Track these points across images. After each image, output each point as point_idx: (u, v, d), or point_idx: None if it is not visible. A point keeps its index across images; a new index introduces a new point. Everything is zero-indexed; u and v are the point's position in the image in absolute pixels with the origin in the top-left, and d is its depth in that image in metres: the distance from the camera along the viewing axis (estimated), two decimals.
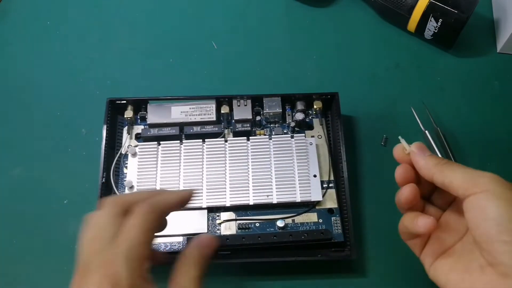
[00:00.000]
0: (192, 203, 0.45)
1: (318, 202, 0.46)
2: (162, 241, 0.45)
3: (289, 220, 0.45)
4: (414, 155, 0.35)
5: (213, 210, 0.46)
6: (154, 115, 0.49)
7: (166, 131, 0.49)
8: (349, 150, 0.49)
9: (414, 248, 0.37)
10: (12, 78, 0.55)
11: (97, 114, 0.50)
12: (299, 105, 0.50)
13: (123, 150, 0.49)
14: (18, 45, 0.57)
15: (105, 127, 0.48)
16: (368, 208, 0.48)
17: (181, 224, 0.45)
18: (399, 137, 0.36)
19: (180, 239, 0.45)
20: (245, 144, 0.48)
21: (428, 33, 0.55)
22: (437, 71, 0.56)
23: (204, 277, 0.31)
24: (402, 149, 0.36)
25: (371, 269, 0.45)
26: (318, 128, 0.50)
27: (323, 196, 0.46)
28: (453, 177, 0.32)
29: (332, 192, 0.47)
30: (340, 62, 0.57)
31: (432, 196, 0.37)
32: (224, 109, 0.50)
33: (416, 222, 0.34)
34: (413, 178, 0.35)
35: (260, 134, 0.50)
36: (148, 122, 0.49)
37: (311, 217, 0.45)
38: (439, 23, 0.53)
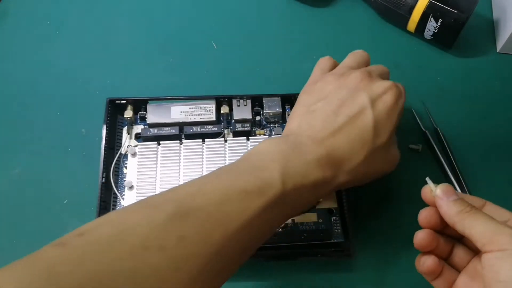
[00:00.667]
0: None
1: (318, 202, 0.46)
2: None
3: (289, 220, 0.45)
4: (438, 200, 0.34)
5: None
6: (154, 115, 0.49)
7: (166, 131, 0.49)
8: None
9: None
10: (12, 78, 0.55)
11: (97, 114, 0.50)
12: None
13: (123, 150, 0.49)
14: (18, 45, 0.57)
15: (105, 127, 0.48)
16: (368, 208, 0.48)
17: None
18: (427, 179, 0.35)
19: None
20: (245, 144, 0.48)
21: (428, 33, 0.55)
22: (437, 71, 0.56)
23: None
24: (430, 190, 0.35)
25: (371, 269, 0.45)
26: None
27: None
28: (473, 229, 0.31)
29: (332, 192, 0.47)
30: (340, 62, 0.56)
31: (465, 238, 0.36)
32: (224, 109, 0.50)
33: (418, 260, 0.35)
34: (438, 222, 0.35)
35: (260, 134, 0.50)
36: (148, 122, 0.49)
37: (311, 217, 0.45)
38: (439, 23, 0.53)
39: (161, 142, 0.48)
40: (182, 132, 0.49)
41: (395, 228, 0.47)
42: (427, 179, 0.35)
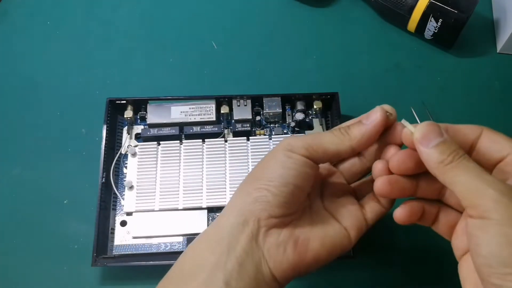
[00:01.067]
0: (192, 203, 0.45)
1: None
2: (162, 241, 0.45)
3: None
4: (417, 145, 0.28)
5: (213, 210, 0.46)
6: (154, 115, 0.49)
7: (166, 131, 0.49)
8: None
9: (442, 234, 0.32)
10: (12, 78, 0.55)
11: (97, 114, 0.50)
12: (299, 105, 0.50)
13: (123, 150, 0.49)
14: (18, 45, 0.57)
15: (105, 127, 0.48)
16: None
17: (182, 224, 0.45)
18: (402, 121, 0.31)
19: (180, 239, 0.45)
20: (245, 144, 0.48)
21: (428, 33, 0.55)
22: (437, 71, 0.56)
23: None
24: (410, 133, 0.29)
25: (372, 269, 0.45)
26: (318, 128, 0.50)
27: None
28: (455, 186, 0.26)
29: None
30: (340, 62, 0.57)
31: None
32: (224, 109, 0.50)
33: (394, 213, 0.31)
34: (412, 167, 0.30)
35: (260, 134, 0.50)
36: (148, 122, 0.49)
37: None
38: (439, 23, 0.53)
39: (161, 142, 0.48)
40: (182, 132, 0.49)
41: (395, 228, 0.47)
42: (403, 121, 0.31)
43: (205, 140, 0.48)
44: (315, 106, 0.50)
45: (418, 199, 0.32)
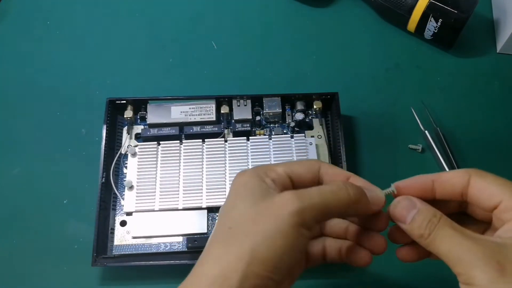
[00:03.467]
0: (192, 203, 0.45)
1: None
2: (162, 241, 0.44)
3: None
4: (396, 223, 0.29)
5: (213, 210, 0.46)
6: (154, 115, 0.49)
7: (166, 131, 0.49)
8: (349, 150, 0.49)
9: None
10: (12, 78, 0.55)
11: (97, 114, 0.50)
12: (299, 105, 0.50)
13: (123, 150, 0.49)
14: (18, 45, 0.57)
15: (105, 127, 0.48)
16: None
17: (181, 224, 0.45)
18: (389, 190, 0.30)
19: (180, 239, 0.45)
20: (245, 144, 0.48)
21: (428, 33, 0.55)
22: (437, 71, 0.56)
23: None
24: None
25: (371, 268, 0.45)
26: (318, 128, 0.50)
27: None
28: (439, 255, 0.26)
29: None
30: (340, 62, 0.57)
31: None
32: (224, 109, 0.50)
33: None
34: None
35: (260, 134, 0.50)
36: (148, 122, 0.49)
37: None
38: (439, 23, 0.53)
39: (161, 142, 0.48)
40: (182, 132, 0.49)
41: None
42: (387, 191, 0.30)
43: (205, 140, 0.48)
44: (315, 106, 0.50)
45: None
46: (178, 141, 0.48)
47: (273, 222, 0.27)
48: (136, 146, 0.48)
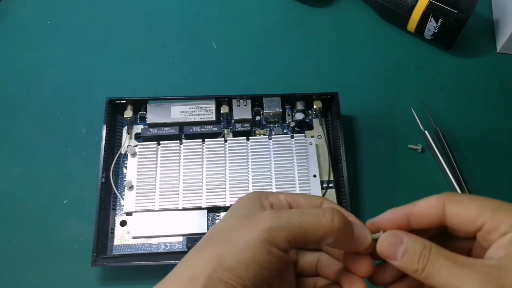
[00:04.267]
0: (192, 203, 0.45)
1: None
2: (162, 241, 0.44)
3: None
4: (387, 261, 0.28)
5: (213, 210, 0.46)
6: (153, 115, 0.49)
7: (166, 131, 0.49)
8: (349, 150, 0.49)
9: None
10: (12, 78, 0.55)
11: (96, 114, 0.50)
12: (299, 105, 0.50)
13: (122, 150, 0.49)
14: (18, 45, 0.57)
15: (104, 127, 0.48)
16: (368, 208, 0.48)
17: (181, 224, 0.45)
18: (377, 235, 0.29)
19: (180, 239, 0.45)
20: (245, 144, 0.48)
21: (428, 33, 0.55)
22: (437, 71, 0.56)
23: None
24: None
25: None
26: (318, 128, 0.50)
27: (323, 196, 0.46)
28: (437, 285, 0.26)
29: (332, 192, 0.47)
30: (340, 62, 0.57)
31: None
32: (224, 109, 0.50)
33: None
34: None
35: (260, 134, 0.50)
36: (147, 122, 0.49)
37: None
38: (439, 23, 0.53)
39: (161, 142, 0.48)
40: (182, 132, 0.49)
41: None
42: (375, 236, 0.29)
43: (205, 140, 0.48)
44: (315, 106, 0.50)
45: None
46: (178, 141, 0.48)
47: (245, 234, 0.27)
48: (136, 146, 0.48)
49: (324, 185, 0.47)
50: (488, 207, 0.26)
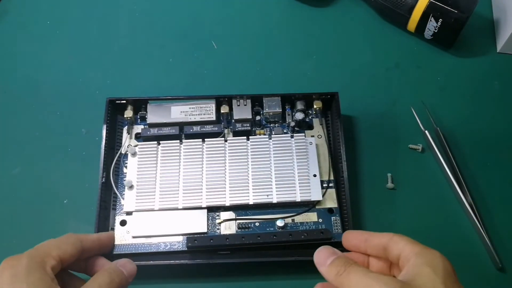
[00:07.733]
0: (192, 203, 0.45)
1: (318, 202, 0.46)
2: (162, 241, 0.44)
3: (289, 220, 0.45)
4: (318, 267, 0.34)
5: (213, 210, 0.46)
6: (154, 115, 0.49)
7: (166, 130, 0.49)
8: (349, 150, 0.49)
9: None
10: (12, 78, 0.55)
11: (97, 114, 0.50)
12: (299, 105, 0.50)
13: (123, 150, 0.49)
14: (18, 45, 0.57)
15: (105, 127, 0.48)
16: (368, 208, 0.48)
17: (181, 224, 0.45)
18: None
19: (180, 238, 0.45)
20: (245, 144, 0.48)
21: (428, 33, 0.55)
22: (437, 71, 0.56)
23: None
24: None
25: None
26: (318, 128, 0.50)
27: (323, 195, 0.46)
28: None
29: (332, 192, 0.47)
30: (340, 62, 0.57)
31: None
32: (224, 109, 0.50)
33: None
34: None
35: (260, 134, 0.50)
36: (148, 122, 0.49)
37: (311, 216, 0.45)
38: (439, 23, 0.53)
39: (161, 142, 0.48)
40: (182, 132, 0.49)
41: (395, 228, 0.47)
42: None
43: (205, 139, 0.48)
44: (315, 106, 0.50)
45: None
46: (178, 141, 0.48)
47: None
48: (136, 145, 0.48)
49: (324, 185, 0.47)
50: (412, 245, 0.32)
